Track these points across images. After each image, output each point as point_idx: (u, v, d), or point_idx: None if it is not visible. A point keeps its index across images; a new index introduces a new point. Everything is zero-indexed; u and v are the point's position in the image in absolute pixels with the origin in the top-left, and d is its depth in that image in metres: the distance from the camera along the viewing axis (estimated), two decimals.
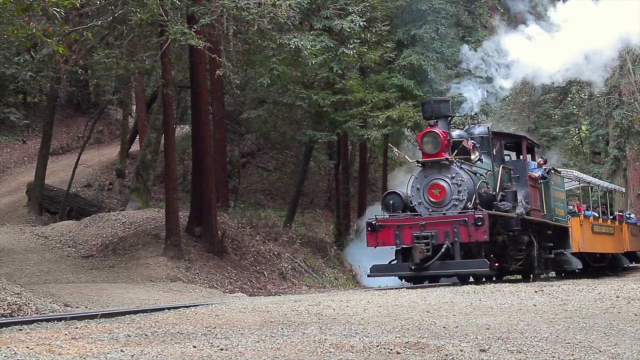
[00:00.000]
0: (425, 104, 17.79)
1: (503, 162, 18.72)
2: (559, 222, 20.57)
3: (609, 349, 6.68)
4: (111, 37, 17.95)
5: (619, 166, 34.46)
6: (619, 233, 27.07)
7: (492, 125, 20.83)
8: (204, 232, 20.19)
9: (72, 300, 12.65)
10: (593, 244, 23.95)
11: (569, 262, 21.26)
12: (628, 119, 30.90)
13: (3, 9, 12.37)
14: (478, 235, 15.83)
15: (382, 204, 17.49)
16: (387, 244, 16.66)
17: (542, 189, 19.77)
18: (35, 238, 21.53)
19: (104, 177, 31.55)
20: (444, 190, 16.65)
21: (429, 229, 16.17)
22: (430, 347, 6.24)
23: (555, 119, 39.93)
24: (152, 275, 17.49)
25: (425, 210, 16.73)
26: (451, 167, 16.79)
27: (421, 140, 17.03)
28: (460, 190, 16.57)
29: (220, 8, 17.05)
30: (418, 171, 17.21)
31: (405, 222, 16.55)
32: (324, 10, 22.30)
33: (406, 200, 16.99)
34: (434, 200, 16.69)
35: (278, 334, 6.84)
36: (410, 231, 16.27)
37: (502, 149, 19.09)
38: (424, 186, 16.84)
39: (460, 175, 16.68)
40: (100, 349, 5.90)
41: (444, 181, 16.72)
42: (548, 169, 20.40)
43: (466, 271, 16.30)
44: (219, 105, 24.86)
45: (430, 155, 16.82)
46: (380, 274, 17.17)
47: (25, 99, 37.64)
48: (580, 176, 25.41)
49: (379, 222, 16.67)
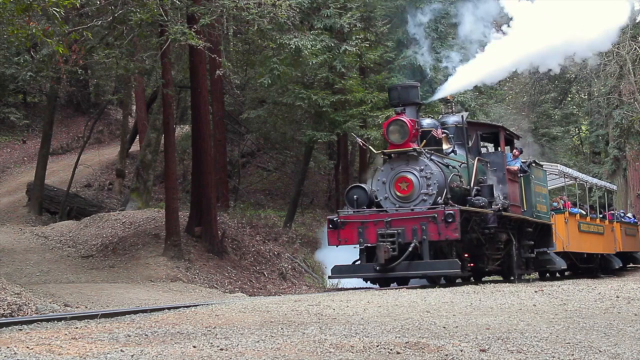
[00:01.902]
0: (391, 89, 16.44)
1: (479, 154, 17.52)
2: (540, 219, 19.27)
3: (609, 349, 6.68)
4: (111, 37, 17.93)
5: (618, 166, 34.46)
6: (609, 232, 26.02)
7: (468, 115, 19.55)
8: (204, 232, 20.18)
9: (72, 300, 12.65)
10: (579, 243, 22.84)
11: (553, 262, 20.17)
12: (628, 119, 30.91)
13: (3, 9, 12.36)
14: (448, 233, 14.61)
15: (345, 199, 16.19)
16: (349, 243, 15.42)
17: (522, 184, 18.55)
18: (35, 238, 21.53)
19: (104, 177, 31.55)
20: (411, 184, 15.43)
21: (395, 226, 14.94)
22: (430, 347, 6.24)
23: (555, 119, 39.97)
24: (152, 275, 17.49)
25: (392, 205, 15.51)
26: (420, 158, 15.53)
27: (387, 129, 15.73)
28: (429, 184, 15.34)
29: (220, 8, 17.05)
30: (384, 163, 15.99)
31: (369, 219, 15.23)
32: (325, 9, 22.31)
33: (371, 195, 15.72)
34: (400, 194, 15.49)
35: (278, 334, 6.84)
36: (375, 229, 15.03)
37: (479, 140, 17.84)
38: (390, 179, 15.61)
39: (430, 167, 15.45)
40: (100, 349, 5.90)
41: (411, 174, 15.48)
42: (529, 161, 19.25)
43: (435, 272, 14.90)
44: (219, 105, 24.86)
45: (397, 146, 15.57)
46: (342, 275, 16.04)
47: (25, 99, 37.67)
48: (565, 171, 24.20)
49: (341, 218, 15.37)
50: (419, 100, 16.17)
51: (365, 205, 15.60)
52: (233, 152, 31.54)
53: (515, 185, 18.08)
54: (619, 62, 29.32)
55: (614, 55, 29.25)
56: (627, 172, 34.35)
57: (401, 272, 14.83)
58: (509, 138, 18.83)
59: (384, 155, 16.02)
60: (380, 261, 14.61)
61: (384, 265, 14.66)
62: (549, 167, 22.78)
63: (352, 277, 16.15)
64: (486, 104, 26.91)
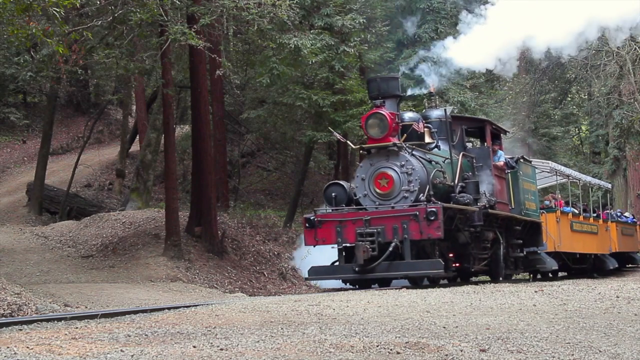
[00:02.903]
0: (370, 81, 15.58)
1: (464, 150, 16.75)
2: (529, 217, 18.50)
3: (609, 349, 6.68)
4: (111, 37, 17.94)
5: (618, 166, 34.46)
6: (604, 232, 25.27)
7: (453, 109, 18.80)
8: (204, 232, 20.19)
9: (72, 300, 12.65)
10: (572, 243, 22.08)
11: (543, 262, 19.47)
12: (628, 119, 30.88)
13: (3, 9, 12.37)
14: (431, 231, 13.86)
15: (323, 196, 15.43)
16: (327, 243, 14.64)
17: (509, 180, 17.75)
18: (35, 238, 21.53)
19: (104, 177, 31.56)
20: (392, 181, 14.64)
21: (374, 224, 14.17)
22: (430, 347, 6.24)
23: (555, 119, 39.97)
24: (152, 275, 17.49)
25: (372, 203, 14.74)
26: (400, 153, 14.76)
27: (365, 123, 14.92)
28: (410, 180, 14.56)
29: (220, 8, 17.06)
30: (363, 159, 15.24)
31: (347, 218, 14.48)
32: (325, 8, 22.32)
33: (350, 193, 15.00)
34: (380, 191, 14.71)
35: (278, 334, 6.84)
36: (353, 228, 14.26)
37: (463, 134, 17.10)
38: (369, 176, 14.82)
39: (411, 163, 14.66)
40: (100, 349, 5.90)
41: (392, 170, 14.70)
42: (516, 157, 18.51)
43: (417, 273, 14.18)
44: (219, 105, 24.87)
45: (376, 140, 14.76)
46: (320, 277, 15.30)
47: (25, 99, 37.68)
48: (557, 168, 23.19)
49: (318, 217, 14.59)
50: (399, 93, 15.35)
51: (344, 203, 14.92)
52: (233, 152, 31.54)
53: (502, 181, 17.35)
54: (619, 62, 29.30)
55: (614, 55, 29.24)
56: (627, 172, 34.33)
57: (381, 273, 14.11)
58: (495, 133, 18.03)
59: (363, 150, 15.37)
60: (359, 262, 13.93)
61: (363, 266, 13.95)
62: (541, 164, 22.20)
63: (330, 279, 15.47)
64: (486, 104, 26.90)
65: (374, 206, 14.66)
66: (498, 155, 17.45)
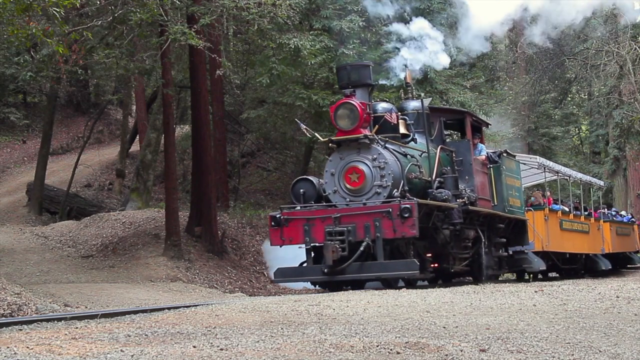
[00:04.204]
0: (340, 69, 14.59)
1: (443, 143, 15.86)
2: (513, 214, 17.59)
3: (609, 349, 6.68)
4: (111, 37, 17.95)
5: (618, 166, 34.46)
6: (596, 231, 24.32)
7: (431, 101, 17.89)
8: (204, 232, 20.19)
9: (72, 300, 12.65)
10: (561, 242, 21.19)
11: (530, 262, 18.59)
12: (628, 119, 30.89)
13: (3, 9, 12.37)
14: (405, 229, 12.98)
15: (291, 193, 14.53)
16: (294, 242, 13.73)
17: (491, 175, 16.83)
18: (35, 238, 21.54)
19: (104, 177, 31.56)
20: (363, 175, 13.73)
21: (344, 222, 13.29)
22: (430, 347, 6.24)
23: (555, 119, 39.97)
24: (152, 275, 17.49)
25: (342, 200, 13.85)
26: (372, 146, 13.83)
27: (334, 113, 13.91)
28: (383, 174, 13.67)
29: (220, 8, 17.07)
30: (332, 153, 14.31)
31: (316, 215, 13.59)
32: (324, 10, 22.31)
33: (320, 189, 14.13)
34: (351, 187, 13.82)
35: (278, 334, 6.84)
36: (322, 226, 13.38)
37: (442, 127, 16.19)
38: (339, 171, 13.91)
39: (384, 156, 13.75)
40: (100, 349, 5.90)
41: (363, 164, 13.79)
42: (499, 151, 17.64)
43: (390, 274, 13.24)
44: (219, 105, 24.87)
45: (346, 132, 13.84)
46: (287, 279, 14.41)
47: (25, 99, 37.68)
48: (545, 164, 21.90)
49: (284, 215, 13.72)
50: (371, 81, 14.34)
51: (314, 200, 14.03)
52: (233, 152, 31.53)
53: (484, 177, 16.47)
54: (619, 62, 29.30)
55: (614, 55, 29.24)
56: (627, 172, 34.32)
57: (352, 274, 13.21)
58: (476, 125, 17.06)
59: (332, 143, 14.34)
60: (328, 262, 13.03)
61: (332, 267, 13.07)
62: (528, 159, 21.36)
63: (297, 281, 14.66)
64: (486, 104, 26.87)
65: (345, 203, 13.79)
66: (479, 148, 16.73)
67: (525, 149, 33.83)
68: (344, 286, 13.92)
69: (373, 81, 14.65)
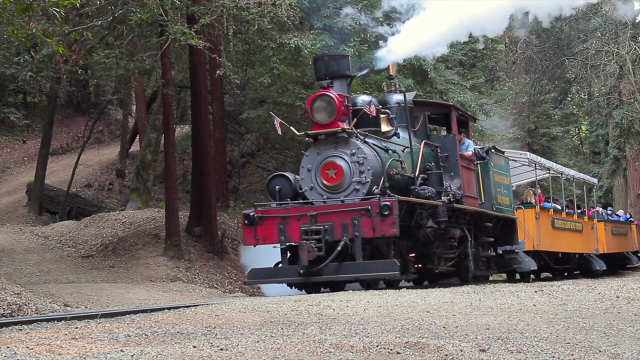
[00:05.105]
0: (317, 59, 13.93)
1: (427, 138, 15.26)
2: (502, 213, 17.03)
3: (609, 349, 6.68)
4: (111, 37, 17.96)
5: (618, 166, 34.48)
6: (589, 230, 23.81)
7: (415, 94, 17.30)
8: (204, 232, 20.20)
9: (72, 300, 12.65)
10: (553, 241, 20.66)
11: (520, 261, 18.06)
12: (628, 119, 30.91)
13: (3, 9, 12.37)
14: (384, 228, 12.36)
15: (266, 190, 13.96)
16: (269, 242, 13.09)
17: (478, 172, 16.28)
18: (35, 238, 21.54)
19: (104, 177, 31.56)
20: (341, 171, 13.10)
21: (321, 221, 12.65)
22: (430, 347, 6.24)
23: (555, 119, 39.99)
24: (152, 275, 17.49)
25: (319, 197, 13.24)
26: (351, 140, 13.24)
27: (311, 106, 13.27)
28: (362, 170, 13.05)
29: (220, 8, 17.07)
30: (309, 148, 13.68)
31: (291, 214, 12.94)
32: (324, 9, 22.31)
33: (296, 185, 13.51)
34: (328, 183, 13.20)
35: (278, 334, 6.84)
36: (298, 224, 12.76)
37: (426, 121, 15.60)
38: (316, 166, 13.30)
39: (363, 151, 13.13)
40: (100, 349, 5.90)
41: (341, 159, 13.18)
42: (487, 147, 17.12)
43: (369, 275, 12.58)
44: (219, 105, 24.87)
45: (323, 126, 13.23)
46: (261, 280, 13.84)
47: (25, 99, 37.67)
48: (536, 160, 21.24)
49: (258, 213, 13.07)
50: (349, 72, 13.72)
51: (290, 197, 13.42)
52: (233, 152, 31.53)
53: (470, 173, 15.86)
54: (619, 62, 29.32)
55: (614, 55, 29.26)
56: (627, 172, 34.34)
57: (329, 275, 12.56)
58: (462, 119, 16.37)
59: (309, 137, 13.75)
60: (304, 263, 12.42)
61: (308, 268, 12.45)
62: (518, 156, 20.80)
63: (272, 282, 13.89)
64: (486, 104, 26.88)
65: (322, 200, 13.16)
66: (465, 144, 16.13)
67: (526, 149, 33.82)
68: (322, 288, 13.36)
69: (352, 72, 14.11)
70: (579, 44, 32.50)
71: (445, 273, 15.59)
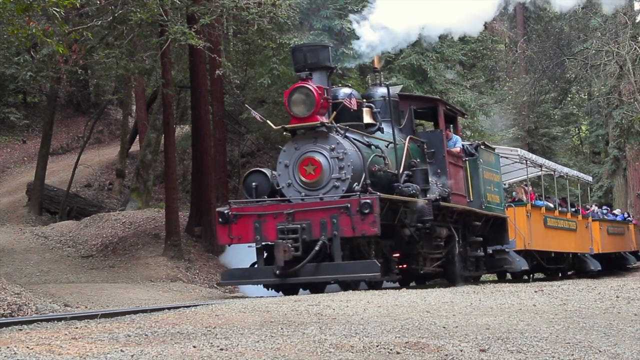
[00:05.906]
0: (296, 50, 13.31)
1: (413, 133, 14.69)
2: (491, 211, 16.47)
3: (609, 349, 6.68)
4: (111, 37, 17.97)
5: (618, 166, 34.46)
6: (583, 229, 23.26)
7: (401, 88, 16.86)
8: (204, 232, 20.20)
9: (72, 300, 12.65)
10: (545, 240, 20.09)
11: (511, 261, 17.53)
12: (628, 119, 30.89)
13: (3, 9, 12.37)
14: (365, 227, 11.82)
15: (242, 187, 13.45)
16: (243, 241, 12.60)
17: (467, 169, 15.73)
18: (35, 238, 21.54)
19: (104, 177, 31.56)
20: (319, 167, 12.56)
21: (299, 219, 12.13)
22: (430, 347, 6.24)
23: (555, 119, 39.99)
24: (152, 275, 17.50)
25: (297, 194, 12.70)
26: (330, 135, 12.67)
27: (288, 99, 12.74)
28: (342, 166, 12.51)
29: (220, 8, 17.08)
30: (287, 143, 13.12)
31: (267, 211, 12.42)
32: (324, 10, 22.32)
33: (274, 182, 12.96)
34: (307, 180, 12.65)
35: (278, 334, 6.84)
36: (274, 223, 12.23)
37: (412, 116, 14.93)
38: (293, 162, 12.75)
39: (343, 146, 12.55)
40: (100, 349, 5.90)
41: (320, 154, 12.64)
42: (476, 143, 16.64)
43: (348, 277, 12.03)
44: (219, 105, 24.86)
45: (301, 120, 12.68)
46: (235, 281, 13.36)
47: (25, 99, 37.67)
48: (527, 156, 20.61)
49: (233, 211, 12.53)
50: (330, 64, 13.09)
51: (267, 194, 12.85)
52: (233, 152, 31.52)
53: (458, 170, 15.32)
54: (619, 62, 29.30)
55: (614, 55, 29.24)
56: (627, 172, 34.34)
57: (307, 276, 12.06)
58: (450, 114, 15.81)
59: (286, 131, 13.17)
60: (279, 264, 11.90)
61: (284, 269, 11.94)
62: (509, 152, 20.23)
63: (247, 284, 13.44)
64: (486, 104, 26.88)
65: (299, 197, 12.64)
66: (453, 140, 15.61)
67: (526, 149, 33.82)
68: (300, 289, 12.89)
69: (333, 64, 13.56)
70: (579, 44, 32.48)
71: (432, 274, 15.14)
